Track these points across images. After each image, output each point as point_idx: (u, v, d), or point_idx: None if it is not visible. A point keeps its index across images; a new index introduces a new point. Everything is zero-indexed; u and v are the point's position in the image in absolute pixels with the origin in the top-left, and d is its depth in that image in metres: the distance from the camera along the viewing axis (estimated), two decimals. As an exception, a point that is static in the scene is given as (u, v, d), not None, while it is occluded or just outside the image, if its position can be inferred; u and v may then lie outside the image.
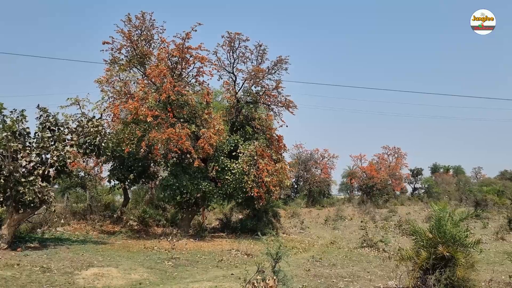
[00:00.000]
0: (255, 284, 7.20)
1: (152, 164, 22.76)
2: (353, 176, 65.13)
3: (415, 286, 9.27)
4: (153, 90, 19.25)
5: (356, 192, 66.66)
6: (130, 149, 18.76)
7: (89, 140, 16.13)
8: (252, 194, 19.77)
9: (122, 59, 20.34)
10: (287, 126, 23.51)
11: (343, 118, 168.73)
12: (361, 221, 25.44)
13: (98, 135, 16.31)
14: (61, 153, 15.15)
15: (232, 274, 11.80)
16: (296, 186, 57.27)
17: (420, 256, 9.40)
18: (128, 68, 20.39)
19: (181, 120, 19.60)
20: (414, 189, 73.99)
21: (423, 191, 72.04)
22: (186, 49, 19.59)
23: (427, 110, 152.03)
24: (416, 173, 72.41)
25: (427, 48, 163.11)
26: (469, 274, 9.14)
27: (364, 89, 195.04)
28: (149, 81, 20.05)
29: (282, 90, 22.86)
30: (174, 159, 20.59)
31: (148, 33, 20.38)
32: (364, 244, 18.80)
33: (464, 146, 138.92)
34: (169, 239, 16.92)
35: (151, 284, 10.19)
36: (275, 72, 22.67)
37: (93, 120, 16.90)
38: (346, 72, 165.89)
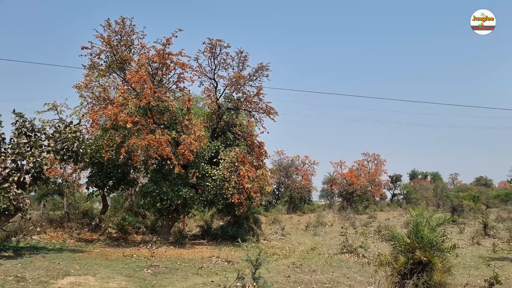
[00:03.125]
0: (235, 291, 7.17)
1: (131, 171, 22.46)
2: (333, 182, 65.69)
3: (394, 291, 9.38)
4: (133, 96, 19.06)
5: (337, 198, 67.22)
6: (109, 156, 18.48)
7: (66, 146, 15.85)
8: (233, 201, 19.73)
9: (102, 64, 20.10)
10: (268, 132, 23.63)
11: (324, 124, 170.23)
12: (341, 227, 25.68)
13: (76, 141, 16.05)
14: (38, 159, 14.84)
15: (212, 281, 11.71)
16: (277, 192, 57.39)
17: (398, 261, 9.53)
18: (108, 74, 20.17)
19: (162, 126, 19.47)
20: (393, 195, 75.09)
21: (402, 197, 73.16)
22: (166, 55, 19.50)
23: (407, 117, 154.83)
24: (395, 179, 73.52)
25: (407, 55, 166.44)
26: (446, 278, 9.30)
27: (344, 96, 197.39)
28: (129, 87, 19.86)
29: (263, 96, 22.98)
30: (154, 165, 20.40)
31: (128, 38, 20.22)
32: (344, 250, 18.94)
33: (441, 152, 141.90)
34: (148, 247, 16.66)
35: (129, 293, 10.02)
36: (256, 78, 22.77)
37: (71, 125, 16.63)
38: (328, 78, 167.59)
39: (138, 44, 20.39)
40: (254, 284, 7.24)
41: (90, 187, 21.70)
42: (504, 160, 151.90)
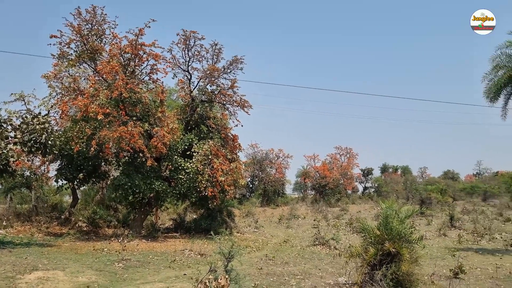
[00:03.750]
0: (207, 283, 7.17)
1: (103, 163, 22.04)
2: (306, 175, 66.44)
3: (363, 282, 9.61)
4: (104, 87, 18.65)
5: (310, 191, 68.06)
6: (79, 148, 18.06)
7: (34, 138, 15.40)
8: (206, 194, 19.67)
9: (71, 54, 19.55)
10: (242, 125, 23.61)
11: (298, 118, 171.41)
12: (314, 220, 26.05)
13: (44, 133, 15.61)
14: (4, 151, 14.39)
15: (184, 274, 11.68)
16: (251, 185, 57.58)
17: (368, 253, 9.77)
18: (78, 64, 19.62)
19: (134, 118, 19.14)
20: (365, 188, 76.63)
21: (373, 190, 74.74)
22: (139, 46, 19.15)
23: (379, 112, 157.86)
24: (367, 172, 74.99)
25: (380, 50, 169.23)
26: (413, 269, 9.60)
27: (319, 90, 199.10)
28: (100, 78, 19.41)
29: (237, 89, 22.94)
30: (126, 158, 20.05)
31: (99, 27, 19.74)
32: (316, 242, 19.21)
33: (411, 147, 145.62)
34: (120, 240, 16.47)
35: (99, 287, 9.87)
36: (230, 71, 22.67)
37: (39, 116, 16.16)
38: (303, 72, 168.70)
39: (109, 34, 19.96)
40: (227, 276, 7.26)
41: (59, 180, 21.21)
42: (470, 154, 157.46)
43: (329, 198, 57.47)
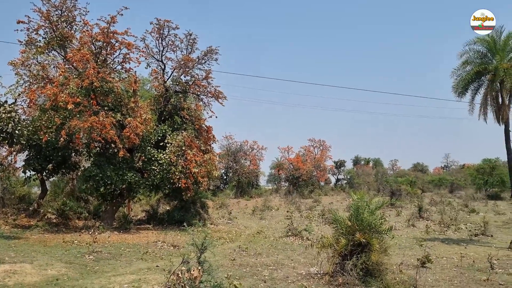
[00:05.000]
0: (180, 275, 7.14)
1: (73, 154, 21.51)
2: (280, 167, 66.94)
3: (334, 272, 9.81)
4: (74, 76, 18.14)
5: (283, 183, 68.63)
6: (48, 138, 17.54)
7: (0, 127, 14.87)
8: (179, 185, 19.54)
9: (40, 40, 18.89)
10: (216, 117, 23.49)
11: (273, 110, 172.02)
12: (287, 211, 26.26)
13: (11, 122, 15.14)
14: (-33, 140, 13.84)
15: (157, 266, 11.61)
16: (225, 177, 57.57)
17: (339, 243, 9.96)
18: (47, 51, 19.00)
19: (106, 108, 18.74)
20: (337, 180, 77.81)
21: (345, 182, 75.99)
22: (111, 34, 18.70)
23: (352, 105, 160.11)
24: (339, 164, 76.12)
25: (356, 45, 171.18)
26: (382, 259, 9.86)
27: (296, 83, 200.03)
28: (70, 66, 18.88)
29: (212, 80, 22.77)
30: (98, 148, 19.66)
31: (70, 14, 19.14)
32: (289, 233, 19.40)
33: (383, 140, 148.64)
34: (90, 232, 16.21)
35: (69, 280, 9.69)
36: (205, 62, 22.46)
37: (5, 105, 15.62)
38: (280, 65, 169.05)
39: (80, 21, 19.38)
40: (199, 268, 7.25)
41: (27, 171, 20.58)
42: (439, 147, 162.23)
43: (302, 189, 58.10)
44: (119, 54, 19.67)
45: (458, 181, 68.66)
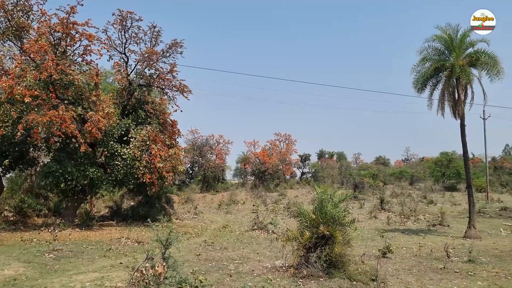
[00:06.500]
0: (144, 271, 7.06)
1: (31, 149, 20.68)
2: (246, 161, 67.13)
3: (299, 264, 9.97)
4: (32, 68, 17.41)
5: (250, 176, 68.87)
6: (4, 132, 16.76)
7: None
8: (144, 180, 19.22)
9: (-6, 30, 18.01)
10: (181, 111, 23.29)
11: (239, 104, 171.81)
12: (253, 205, 26.42)
13: (-37, 116, 14.33)
14: None
15: (120, 263, 11.40)
16: (191, 171, 57.11)
17: (304, 236, 10.12)
18: (2, 41, 18.16)
19: (66, 101, 18.12)
20: (303, 173, 78.89)
21: (310, 175, 77.16)
22: (71, 25, 18.04)
23: (317, 100, 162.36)
24: (305, 158, 77.17)
25: (321, 39, 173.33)
26: (346, 250, 10.12)
27: (262, 78, 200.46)
28: (27, 57, 18.07)
29: (177, 74, 22.45)
30: (58, 143, 19.00)
31: (26, 3, 18.34)
32: (255, 227, 19.56)
33: (347, 134, 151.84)
34: (50, 230, 15.70)
35: (28, 280, 9.35)
36: (169, 55, 22.09)
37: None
38: (247, 60, 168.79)
39: (37, 11, 18.59)
40: (164, 264, 7.20)
41: (-19, 167, 19.63)
42: (400, 141, 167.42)
43: (268, 183, 58.57)
44: (79, 46, 19.06)
45: (418, 173, 71.25)
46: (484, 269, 11.22)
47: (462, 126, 19.50)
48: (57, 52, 18.26)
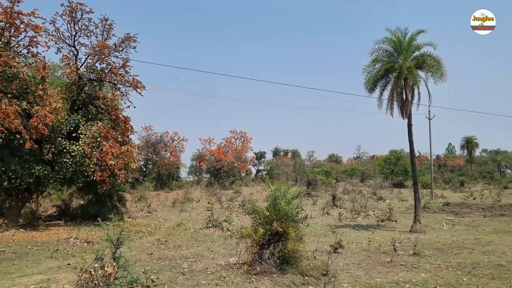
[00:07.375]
0: (92, 272, 6.84)
1: (-30, 145, 19.44)
2: (202, 159, 66.61)
3: (253, 261, 10.04)
4: (-29, 59, 16.34)
5: (205, 174, 68.47)
6: None
7: None
8: (94, 178, 18.59)
9: None
10: (134, 107, 22.69)
11: (194, 101, 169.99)
12: (208, 203, 26.32)
13: None
14: None
15: (68, 264, 10.98)
16: (144, 169, 55.91)
17: (257, 233, 10.21)
18: None
19: (9, 95, 17.15)
20: (258, 171, 79.57)
21: (265, 172, 77.93)
22: (15, 14, 17.11)
23: (274, 98, 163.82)
24: (260, 156, 77.84)
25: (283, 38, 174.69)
26: (298, 246, 10.32)
27: (220, 75, 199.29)
28: (-34, 48, 16.96)
29: (130, 69, 21.82)
30: (0, 140, 17.95)
31: (-36, -11, 17.15)
32: (210, 225, 19.48)
33: (301, 131, 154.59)
34: (-8, 231, 14.84)
35: (-35, 284, 8.82)
36: (122, 49, 21.43)
37: None
38: (204, 58, 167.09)
39: (-23, -2, 17.43)
40: (114, 264, 7.00)
41: None
42: (352, 139, 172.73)
43: (224, 181, 58.50)
44: (25, 37, 18.10)
45: (368, 171, 73.81)
46: (428, 262, 11.84)
47: (409, 125, 20.41)
48: (0, 43, 17.24)
